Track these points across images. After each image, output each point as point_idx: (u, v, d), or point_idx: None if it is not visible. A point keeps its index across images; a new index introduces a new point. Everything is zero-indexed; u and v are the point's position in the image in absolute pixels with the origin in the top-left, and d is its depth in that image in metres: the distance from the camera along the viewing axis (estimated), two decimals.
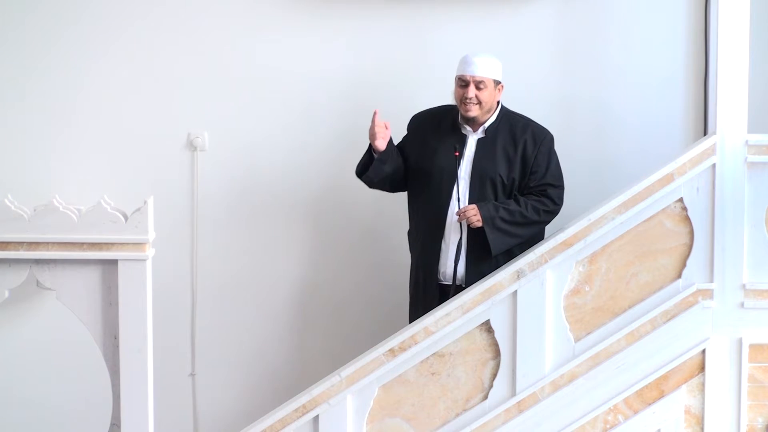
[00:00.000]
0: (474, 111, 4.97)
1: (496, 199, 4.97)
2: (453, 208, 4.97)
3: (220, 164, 5.50)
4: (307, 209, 5.53)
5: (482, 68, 4.96)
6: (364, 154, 5.06)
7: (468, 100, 4.95)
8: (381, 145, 4.97)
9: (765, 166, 4.70)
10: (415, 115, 5.18)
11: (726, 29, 4.66)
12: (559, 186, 5.02)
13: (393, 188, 5.15)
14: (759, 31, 5.23)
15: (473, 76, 4.96)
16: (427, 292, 5.03)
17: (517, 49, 5.44)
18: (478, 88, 4.96)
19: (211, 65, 5.46)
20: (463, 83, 4.98)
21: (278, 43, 5.46)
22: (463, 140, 5.02)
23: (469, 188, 4.99)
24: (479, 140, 5.02)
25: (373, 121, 4.96)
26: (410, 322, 5.07)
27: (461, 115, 5.02)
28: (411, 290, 5.15)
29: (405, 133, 5.19)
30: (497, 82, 5.00)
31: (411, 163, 5.10)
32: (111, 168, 5.46)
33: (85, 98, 5.44)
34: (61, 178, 5.43)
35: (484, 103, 4.97)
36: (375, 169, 5.01)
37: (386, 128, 4.98)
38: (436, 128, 5.08)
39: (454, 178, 4.97)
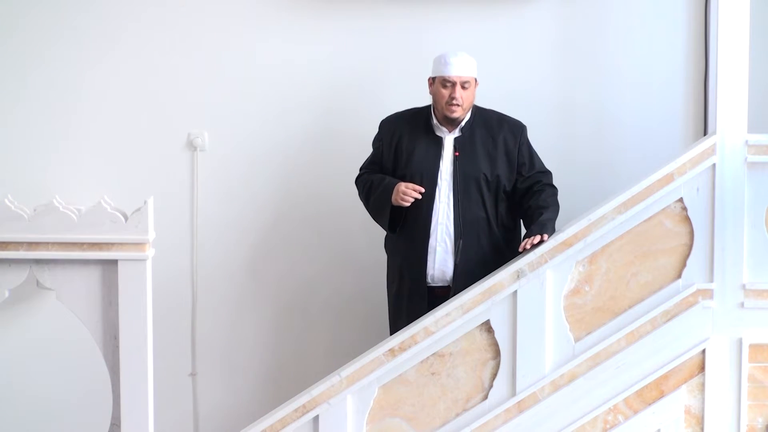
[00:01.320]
0: (458, 112, 4.95)
1: (482, 198, 4.95)
2: (437, 210, 4.95)
3: (220, 164, 5.50)
4: (307, 209, 5.54)
5: (466, 68, 4.94)
6: (383, 209, 5.00)
7: (455, 101, 4.93)
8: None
9: (765, 166, 4.70)
10: (385, 119, 5.13)
11: (726, 29, 4.66)
12: (548, 171, 5.04)
13: None
14: (759, 31, 5.23)
15: (459, 77, 4.93)
16: (414, 295, 5.01)
17: (517, 50, 5.44)
18: (463, 87, 4.94)
19: (211, 65, 5.46)
20: (448, 84, 4.94)
21: (278, 43, 5.46)
22: (438, 141, 5.00)
23: (452, 189, 4.96)
24: (456, 139, 4.99)
25: (411, 190, 4.91)
26: (390, 324, 5.09)
27: (441, 116, 4.99)
28: (393, 294, 5.13)
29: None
30: (476, 81, 4.99)
31: (387, 168, 5.07)
32: (111, 168, 5.46)
33: (85, 98, 5.45)
34: (61, 178, 5.43)
35: (467, 104, 4.95)
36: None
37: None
38: (410, 131, 5.04)
39: (434, 180, 4.96)
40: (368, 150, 5.33)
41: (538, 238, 4.70)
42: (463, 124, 4.99)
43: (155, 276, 4.69)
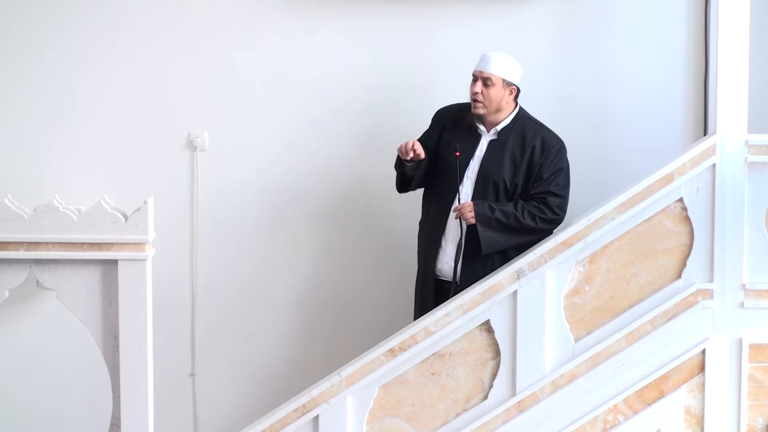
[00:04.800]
0: (480, 109, 4.98)
1: (496, 202, 4.97)
2: (455, 205, 4.98)
3: (220, 164, 5.50)
4: (307, 208, 5.53)
5: (493, 65, 4.96)
6: (397, 171, 5.09)
7: (474, 96, 4.96)
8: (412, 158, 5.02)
9: (765, 166, 4.70)
10: (440, 108, 5.18)
11: (726, 29, 4.66)
12: (562, 196, 4.97)
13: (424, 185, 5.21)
14: (759, 31, 5.23)
15: (481, 72, 4.97)
16: (426, 286, 5.05)
17: (518, 49, 5.43)
18: (485, 84, 4.95)
19: (211, 65, 5.46)
20: (473, 78, 4.99)
21: (279, 43, 5.46)
22: (476, 139, 5.02)
23: (473, 188, 4.99)
24: (491, 141, 5.02)
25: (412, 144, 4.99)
26: (414, 314, 5.10)
27: (472, 112, 5.03)
28: (416, 283, 5.18)
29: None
30: (508, 83, 4.98)
31: (429, 150, 5.10)
32: (111, 168, 5.46)
33: (85, 98, 5.44)
34: (61, 178, 5.43)
35: (488, 102, 4.96)
36: (415, 182, 5.08)
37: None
38: (455, 124, 5.08)
39: (460, 176, 4.97)
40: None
41: (466, 207, 4.87)
42: (500, 127, 5.01)
43: (155, 276, 4.69)
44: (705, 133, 5.33)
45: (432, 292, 5.02)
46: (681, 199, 4.71)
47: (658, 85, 5.48)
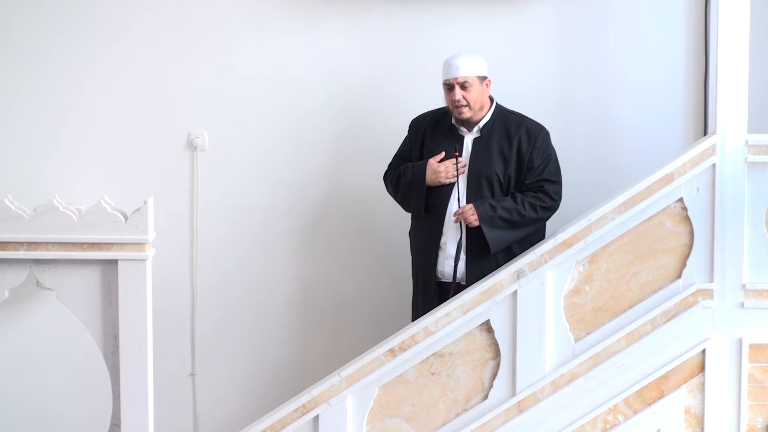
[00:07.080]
0: (466, 113, 4.99)
1: (493, 198, 4.97)
2: (452, 208, 4.99)
3: (220, 164, 5.50)
4: (306, 209, 5.53)
5: (463, 68, 4.97)
6: (413, 192, 5.03)
7: (457, 103, 4.97)
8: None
9: (765, 166, 4.70)
10: (415, 118, 5.19)
11: (726, 29, 4.66)
12: (557, 181, 5.02)
13: None
14: (759, 31, 5.23)
15: (456, 78, 4.97)
16: (427, 290, 5.05)
17: (517, 49, 5.44)
18: (463, 88, 4.97)
19: (211, 65, 5.46)
20: (448, 87, 4.99)
21: (278, 43, 5.46)
22: (459, 141, 5.03)
23: (467, 188, 5.00)
24: (475, 140, 5.03)
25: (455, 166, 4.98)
26: (413, 320, 5.09)
27: (455, 117, 5.03)
28: (413, 289, 5.17)
29: (403, 135, 5.21)
30: (482, 78, 5.00)
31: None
32: (111, 168, 5.46)
33: (85, 98, 5.44)
34: (61, 178, 5.43)
35: (473, 103, 4.98)
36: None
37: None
38: (434, 130, 5.09)
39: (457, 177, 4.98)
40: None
41: (467, 211, 4.86)
42: (482, 124, 5.02)
43: (155, 276, 4.69)
44: (705, 133, 5.33)
45: (435, 296, 5.01)
46: (681, 199, 4.71)
47: (658, 85, 5.48)
